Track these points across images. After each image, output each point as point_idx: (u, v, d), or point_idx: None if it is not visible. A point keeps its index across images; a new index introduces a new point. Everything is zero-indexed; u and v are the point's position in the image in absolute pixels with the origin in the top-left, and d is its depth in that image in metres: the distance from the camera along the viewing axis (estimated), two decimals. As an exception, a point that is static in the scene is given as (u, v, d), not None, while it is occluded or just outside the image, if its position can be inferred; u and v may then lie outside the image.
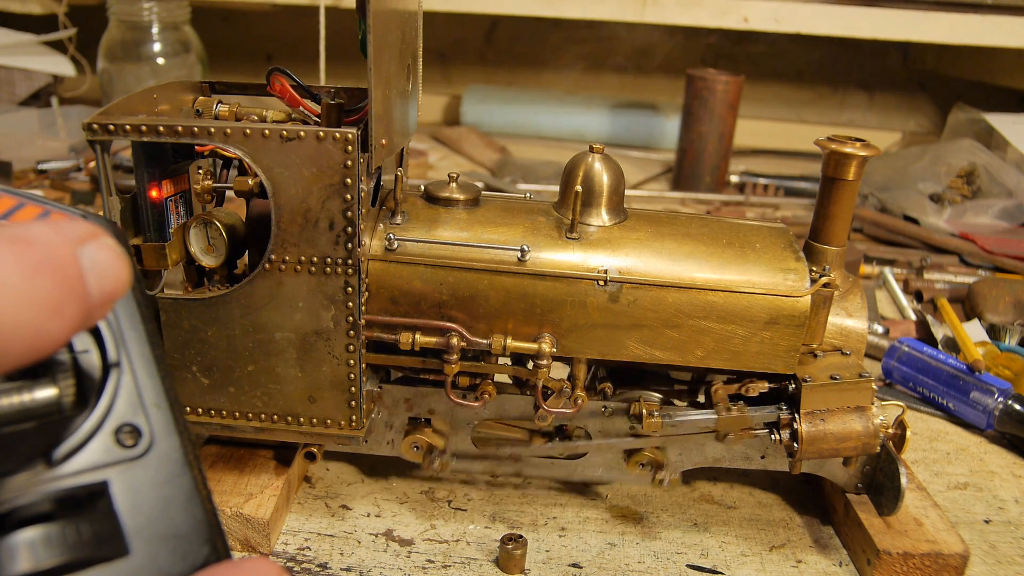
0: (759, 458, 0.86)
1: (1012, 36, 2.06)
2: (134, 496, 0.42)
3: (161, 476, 0.43)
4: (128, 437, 0.43)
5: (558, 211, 0.82)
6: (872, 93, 2.75)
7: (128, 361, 0.45)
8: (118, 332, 0.46)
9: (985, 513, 0.93)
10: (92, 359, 0.45)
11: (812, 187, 2.07)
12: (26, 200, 0.47)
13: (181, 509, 0.43)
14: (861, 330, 0.84)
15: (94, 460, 0.42)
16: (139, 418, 0.44)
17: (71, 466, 0.41)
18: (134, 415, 0.44)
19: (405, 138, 0.84)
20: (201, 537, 0.43)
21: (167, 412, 0.45)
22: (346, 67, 2.03)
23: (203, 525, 0.43)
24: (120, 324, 0.46)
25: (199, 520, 0.43)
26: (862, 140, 0.79)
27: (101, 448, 0.42)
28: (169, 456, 0.44)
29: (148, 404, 0.45)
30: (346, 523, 0.84)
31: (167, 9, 1.98)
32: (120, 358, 0.45)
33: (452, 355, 0.78)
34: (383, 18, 0.69)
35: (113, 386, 0.44)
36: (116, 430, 0.43)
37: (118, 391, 0.44)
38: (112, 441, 0.43)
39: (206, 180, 0.83)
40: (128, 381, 0.45)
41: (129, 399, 0.44)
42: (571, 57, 2.71)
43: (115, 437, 0.43)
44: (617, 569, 0.80)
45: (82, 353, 0.45)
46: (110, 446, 0.43)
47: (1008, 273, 1.61)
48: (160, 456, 0.44)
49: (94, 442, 0.42)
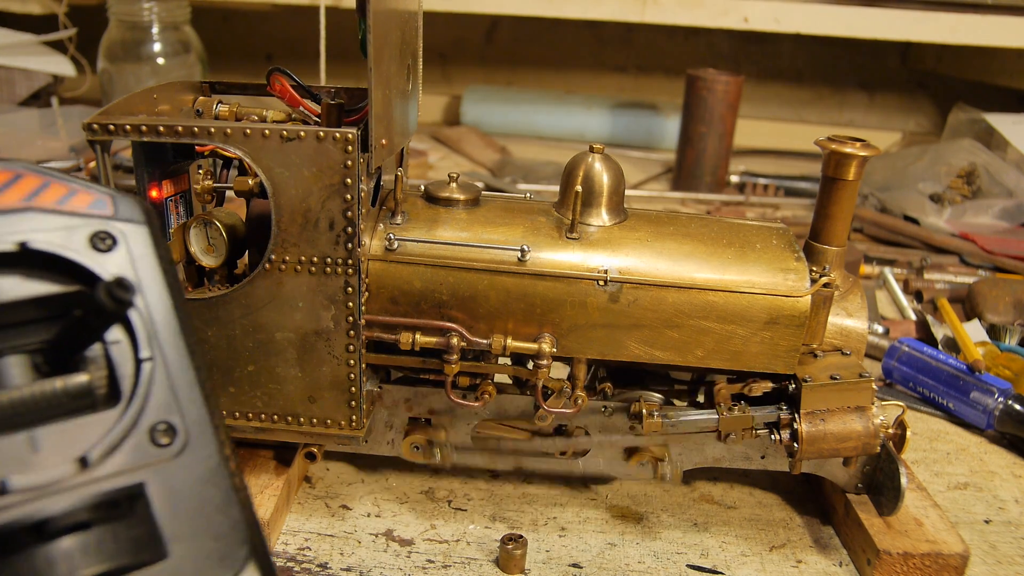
0: (759, 458, 0.86)
1: (1012, 36, 2.06)
2: (171, 497, 0.40)
3: (198, 475, 0.41)
4: (163, 436, 0.42)
5: (558, 211, 0.82)
6: (872, 93, 2.75)
7: (161, 355, 0.44)
8: (150, 324, 0.44)
9: (985, 513, 0.93)
10: (123, 349, 0.43)
11: (812, 187, 2.07)
12: (52, 179, 0.46)
13: (219, 509, 0.41)
14: (861, 330, 0.84)
15: (129, 461, 0.41)
16: (174, 415, 0.42)
17: (106, 468, 0.40)
18: (169, 412, 0.42)
19: (405, 138, 0.84)
20: (239, 538, 0.41)
21: (202, 408, 0.43)
22: (346, 67, 2.03)
23: (241, 525, 0.41)
24: (152, 316, 0.45)
25: (237, 520, 0.41)
26: (862, 140, 0.79)
27: (136, 448, 0.41)
28: (205, 454, 0.42)
29: (183, 400, 0.43)
30: (346, 523, 0.84)
31: (167, 9, 1.98)
32: (153, 352, 0.43)
33: (452, 355, 0.78)
34: (383, 18, 0.69)
35: (147, 382, 0.42)
36: (151, 428, 0.42)
37: (152, 387, 0.42)
38: (147, 440, 0.41)
39: (206, 180, 0.83)
40: (161, 376, 0.43)
41: (163, 395, 0.42)
42: (571, 57, 2.71)
43: (150, 436, 0.41)
44: (617, 569, 0.80)
45: (113, 344, 0.43)
46: (145, 445, 0.41)
47: (1008, 273, 1.61)
48: (196, 455, 0.42)
49: (129, 442, 0.41)
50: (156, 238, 0.47)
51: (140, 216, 0.47)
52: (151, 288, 0.45)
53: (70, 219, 0.45)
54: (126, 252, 0.46)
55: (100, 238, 0.45)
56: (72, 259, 0.44)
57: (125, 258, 0.46)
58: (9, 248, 0.43)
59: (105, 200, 0.46)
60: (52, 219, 0.44)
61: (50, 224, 0.44)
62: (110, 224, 0.46)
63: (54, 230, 0.44)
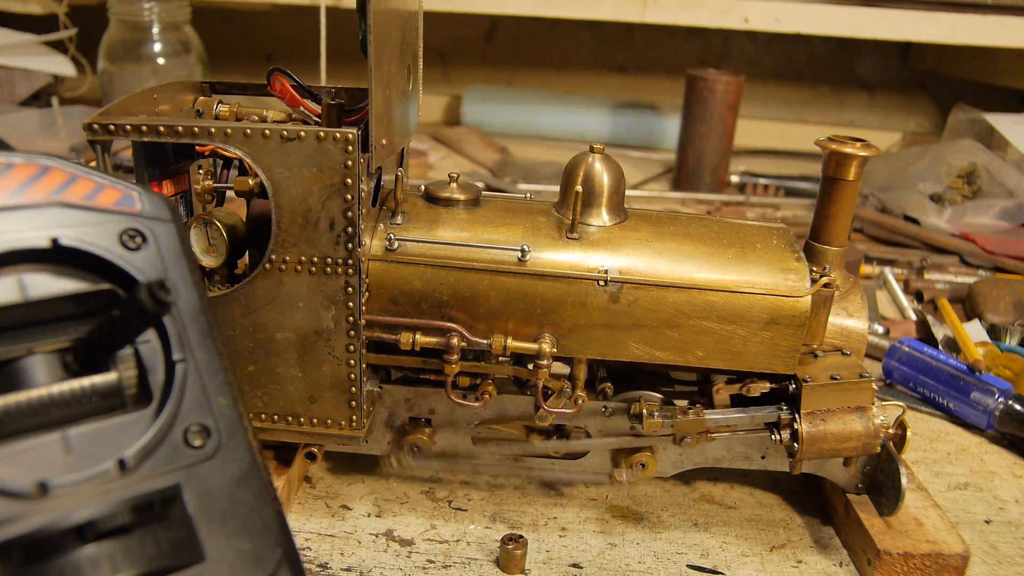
0: (759, 458, 0.86)
1: (1012, 36, 2.06)
2: (206, 499, 0.40)
3: (231, 477, 0.41)
4: (197, 437, 0.41)
5: (558, 211, 0.82)
6: (872, 93, 2.75)
7: (192, 356, 0.43)
8: (180, 325, 0.44)
9: (986, 513, 0.93)
10: (153, 348, 0.43)
11: (812, 187, 2.07)
12: (79, 174, 0.45)
13: (253, 511, 0.41)
14: (861, 330, 0.84)
15: (165, 463, 0.40)
16: (207, 417, 0.42)
17: (143, 470, 0.40)
18: (202, 414, 0.42)
19: (405, 138, 0.84)
20: (273, 540, 0.41)
21: (234, 409, 0.43)
22: (346, 67, 2.03)
23: (273, 527, 0.41)
24: (182, 316, 0.44)
25: (270, 522, 0.41)
26: (862, 140, 0.79)
27: (171, 450, 0.40)
28: (239, 456, 0.42)
29: (215, 402, 0.43)
30: (346, 523, 0.84)
31: (167, 9, 1.98)
32: (185, 353, 0.43)
33: (452, 355, 0.78)
34: (383, 18, 0.69)
35: (180, 383, 0.42)
36: (185, 430, 0.41)
37: (185, 389, 0.42)
38: (181, 442, 0.41)
39: (206, 180, 0.84)
40: (194, 377, 0.43)
41: (196, 397, 0.42)
42: (571, 57, 2.71)
43: (184, 438, 0.41)
44: (617, 569, 0.80)
45: (143, 343, 0.43)
46: (180, 447, 0.41)
47: (1008, 273, 1.61)
48: (230, 456, 0.41)
49: (164, 444, 0.40)
50: (183, 236, 0.47)
51: (167, 213, 0.47)
52: (180, 288, 0.45)
53: (99, 215, 0.45)
54: (155, 250, 0.46)
55: (130, 235, 0.45)
56: (105, 257, 0.44)
57: (155, 256, 0.45)
58: (41, 244, 0.43)
59: (133, 196, 0.46)
60: (81, 215, 0.44)
61: (79, 220, 0.44)
62: (139, 221, 0.46)
63: (84, 226, 0.44)
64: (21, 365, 0.41)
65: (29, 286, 0.42)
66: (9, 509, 0.36)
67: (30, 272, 0.43)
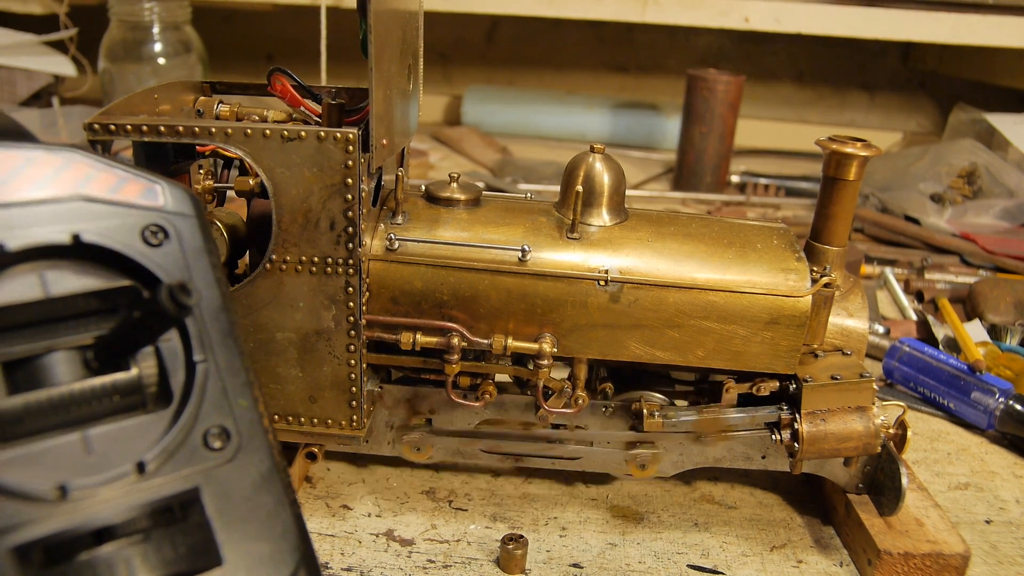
0: (760, 458, 0.86)
1: (1013, 36, 2.06)
2: (225, 502, 0.39)
3: (251, 480, 0.40)
4: (216, 439, 0.40)
5: (559, 211, 0.82)
6: (873, 93, 2.75)
7: (213, 356, 0.42)
8: (202, 324, 0.43)
9: (986, 513, 0.93)
10: (174, 348, 0.42)
11: (813, 187, 2.07)
12: (103, 166, 0.44)
13: (271, 514, 0.40)
14: (862, 330, 0.84)
15: (185, 465, 0.39)
16: (227, 419, 0.41)
17: (163, 473, 0.39)
18: (222, 416, 0.41)
19: (406, 138, 0.84)
20: (291, 544, 0.40)
21: (254, 411, 0.42)
22: (347, 67, 2.02)
23: (292, 531, 0.40)
24: (203, 315, 0.44)
25: (288, 526, 0.40)
26: (863, 140, 0.79)
27: (191, 452, 0.40)
28: (258, 458, 0.41)
29: (235, 403, 0.42)
30: (347, 523, 0.84)
31: (168, 9, 1.98)
32: (206, 353, 0.42)
33: (453, 355, 0.78)
34: (384, 18, 0.69)
35: (200, 384, 0.41)
36: (204, 432, 0.41)
37: (205, 390, 0.41)
38: (201, 444, 0.40)
39: (207, 180, 0.84)
40: (215, 378, 0.42)
41: (216, 398, 0.41)
42: (572, 57, 2.71)
43: (204, 440, 0.40)
44: (618, 569, 0.80)
45: (164, 343, 0.42)
46: (199, 450, 0.40)
47: (1009, 273, 1.61)
48: (249, 459, 0.41)
49: (184, 446, 0.40)
50: (205, 232, 0.46)
51: (190, 208, 0.46)
52: (202, 286, 0.44)
53: (121, 210, 0.44)
54: (177, 247, 0.45)
55: (152, 231, 0.44)
56: (127, 255, 0.43)
57: (177, 253, 0.45)
58: (62, 240, 0.42)
59: (156, 189, 0.45)
60: (103, 209, 0.43)
61: (101, 214, 0.43)
62: (161, 216, 0.45)
63: (106, 221, 0.43)
64: (42, 363, 0.41)
65: (51, 282, 0.42)
66: (29, 512, 0.36)
67: (52, 268, 0.42)
